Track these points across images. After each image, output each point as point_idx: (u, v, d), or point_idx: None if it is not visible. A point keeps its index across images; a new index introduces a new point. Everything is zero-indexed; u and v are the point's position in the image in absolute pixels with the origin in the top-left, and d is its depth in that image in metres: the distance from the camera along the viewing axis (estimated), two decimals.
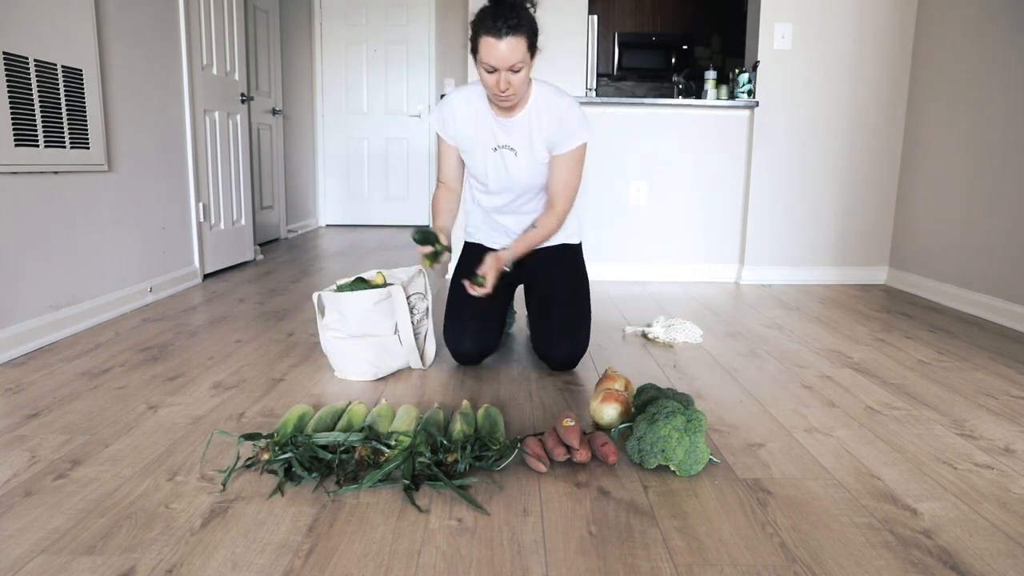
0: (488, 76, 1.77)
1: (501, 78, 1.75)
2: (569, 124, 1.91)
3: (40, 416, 1.66)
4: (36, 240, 2.23)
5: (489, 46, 1.72)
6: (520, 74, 1.76)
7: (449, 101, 1.99)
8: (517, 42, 1.71)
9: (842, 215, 3.57)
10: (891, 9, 3.41)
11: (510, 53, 1.71)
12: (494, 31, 1.70)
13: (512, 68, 1.73)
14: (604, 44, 6.29)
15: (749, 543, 1.15)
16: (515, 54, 1.72)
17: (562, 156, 1.94)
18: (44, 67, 2.23)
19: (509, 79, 1.75)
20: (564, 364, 2.04)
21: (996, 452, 1.53)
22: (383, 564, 1.08)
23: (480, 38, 1.74)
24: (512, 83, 1.76)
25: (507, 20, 1.69)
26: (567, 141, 1.92)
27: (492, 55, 1.72)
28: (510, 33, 1.70)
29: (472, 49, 1.79)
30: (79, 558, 1.08)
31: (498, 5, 1.73)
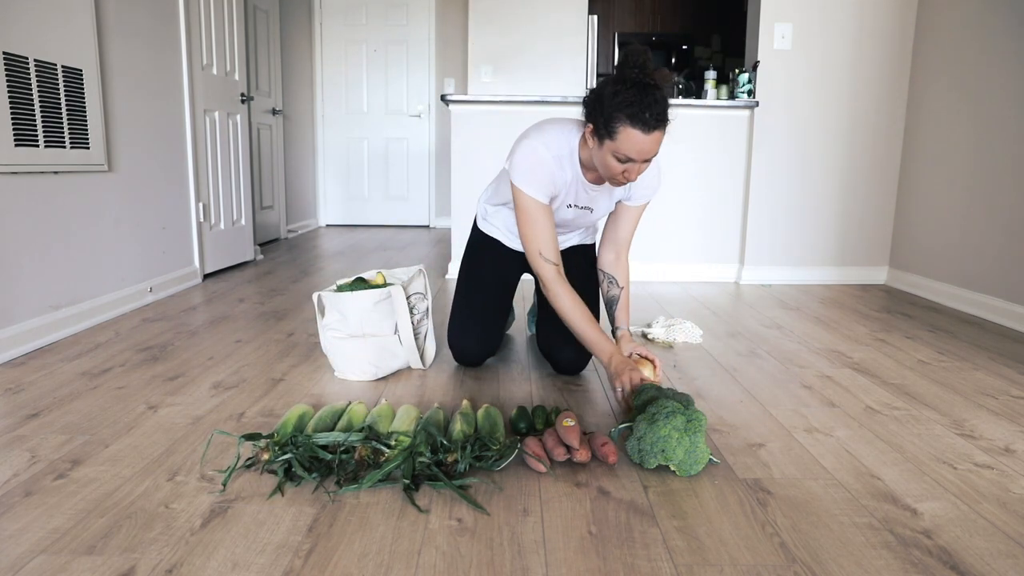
0: (617, 164, 1.60)
1: (634, 168, 1.60)
2: (652, 181, 1.86)
3: (40, 416, 1.66)
4: (36, 240, 2.23)
5: (634, 139, 1.54)
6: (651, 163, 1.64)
7: (540, 156, 1.73)
8: (662, 136, 1.57)
9: (842, 215, 3.57)
10: (891, 9, 3.41)
11: (655, 148, 1.57)
12: (642, 124, 1.52)
13: (648, 160, 1.60)
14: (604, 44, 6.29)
15: (749, 543, 1.15)
16: (657, 147, 1.58)
17: (637, 207, 1.89)
18: (44, 67, 2.23)
19: (641, 168, 1.62)
20: (570, 369, 2.03)
21: (996, 452, 1.53)
22: (383, 564, 1.08)
23: (621, 126, 1.54)
24: (642, 171, 1.63)
25: (654, 110, 1.52)
26: (645, 196, 1.88)
27: (635, 149, 1.55)
28: (659, 127, 1.54)
29: (600, 130, 1.59)
30: (79, 558, 1.08)
31: (644, 90, 1.53)
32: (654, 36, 6.27)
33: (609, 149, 1.59)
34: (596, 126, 1.61)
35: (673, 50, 6.28)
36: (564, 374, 2.06)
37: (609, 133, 1.57)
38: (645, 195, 1.89)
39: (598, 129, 1.60)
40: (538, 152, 1.73)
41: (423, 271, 2.13)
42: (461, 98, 3.41)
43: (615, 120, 1.55)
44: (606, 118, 1.57)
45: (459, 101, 3.42)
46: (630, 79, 1.55)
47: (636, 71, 1.55)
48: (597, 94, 1.60)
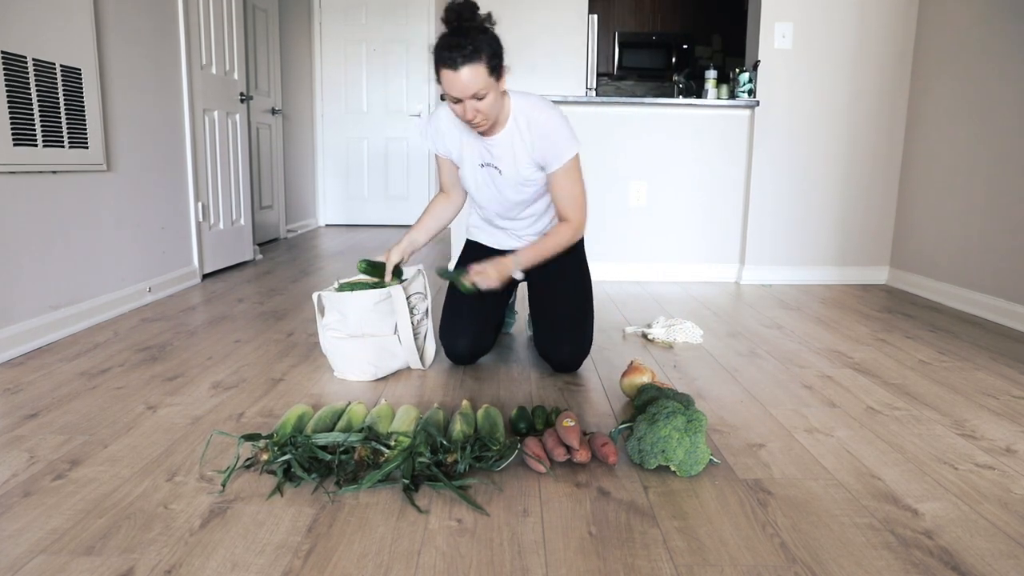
0: (455, 106, 1.72)
1: (467, 107, 1.70)
2: (555, 140, 1.84)
3: (39, 416, 1.65)
4: (35, 240, 2.23)
5: (448, 78, 1.66)
6: (487, 100, 1.70)
7: (437, 116, 1.96)
8: (475, 70, 1.64)
9: (842, 215, 3.57)
10: (892, 8, 3.40)
11: (470, 82, 1.65)
12: (450, 62, 1.64)
13: (476, 96, 1.68)
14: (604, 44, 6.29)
15: (749, 543, 1.15)
16: (475, 82, 1.65)
17: (556, 173, 1.87)
18: (43, 66, 2.23)
19: (476, 107, 1.70)
20: (566, 365, 2.04)
21: (997, 452, 1.53)
22: (383, 564, 1.08)
23: (440, 70, 1.67)
24: (480, 110, 1.71)
25: (462, 49, 1.62)
26: (556, 158, 1.85)
27: (452, 87, 1.66)
28: (466, 62, 1.63)
29: (437, 81, 1.74)
30: (78, 558, 1.08)
31: (452, 33, 1.65)
32: (654, 36, 6.27)
33: (445, 95, 1.72)
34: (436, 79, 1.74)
35: (673, 50, 6.28)
36: (561, 372, 2.06)
37: (438, 79, 1.71)
38: (554, 157, 1.84)
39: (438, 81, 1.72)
40: (436, 111, 1.98)
41: (422, 271, 2.12)
42: None
43: (437, 67, 1.69)
44: (434, 67, 1.71)
45: None
46: (447, 27, 1.68)
47: (452, 16, 1.67)
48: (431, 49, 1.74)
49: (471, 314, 2.04)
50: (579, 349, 2.01)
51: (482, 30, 1.68)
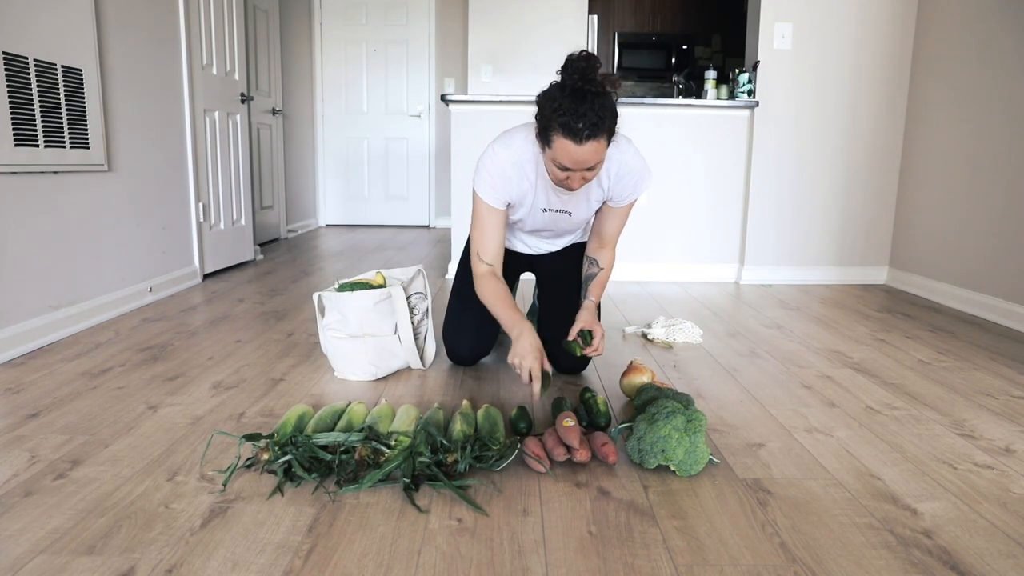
0: (559, 172, 1.57)
1: (575, 177, 1.57)
2: (635, 181, 1.76)
3: (40, 416, 1.66)
4: (36, 240, 2.23)
5: (567, 149, 1.49)
6: (596, 169, 1.57)
7: (499, 162, 1.70)
8: (599, 145, 1.50)
9: (842, 215, 3.57)
10: (891, 9, 3.40)
11: (591, 157, 1.51)
12: (573, 134, 1.47)
13: (590, 168, 1.55)
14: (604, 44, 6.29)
15: (749, 543, 1.15)
16: (596, 157, 1.52)
17: (620, 208, 1.82)
18: (44, 67, 2.23)
19: (584, 176, 1.57)
20: (574, 368, 2.04)
21: (996, 452, 1.53)
22: (383, 564, 1.08)
23: (554, 134, 1.50)
24: (587, 179, 1.59)
25: (588, 119, 1.46)
26: (629, 196, 1.79)
27: (569, 159, 1.51)
28: (592, 137, 1.48)
29: (542, 138, 1.56)
30: (79, 558, 1.08)
31: (579, 98, 1.47)
32: (654, 36, 6.27)
33: (549, 157, 1.57)
34: (539, 132, 1.58)
35: (673, 50, 6.28)
36: (565, 374, 2.06)
37: (547, 141, 1.55)
38: (626, 197, 1.80)
39: (540, 135, 1.58)
40: (497, 156, 1.71)
41: (422, 271, 2.13)
42: (461, 98, 3.41)
43: (550, 129, 1.52)
44: (543, 126, 1.54)
45: (459, 101, 3.42)
46: (568, 86, 1.50)
47: (575, 76, 1.50)
48: (538, 100, 1.57)
49: (474, 316, 2.04)
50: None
51: (605, 95, 1.51)
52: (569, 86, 1.50)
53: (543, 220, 1.88)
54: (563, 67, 1.53)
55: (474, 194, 1.77)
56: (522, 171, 1.72)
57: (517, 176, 1.72)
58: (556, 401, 1.67)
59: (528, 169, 1.72)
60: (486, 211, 1.76)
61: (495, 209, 1.75)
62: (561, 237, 2.06)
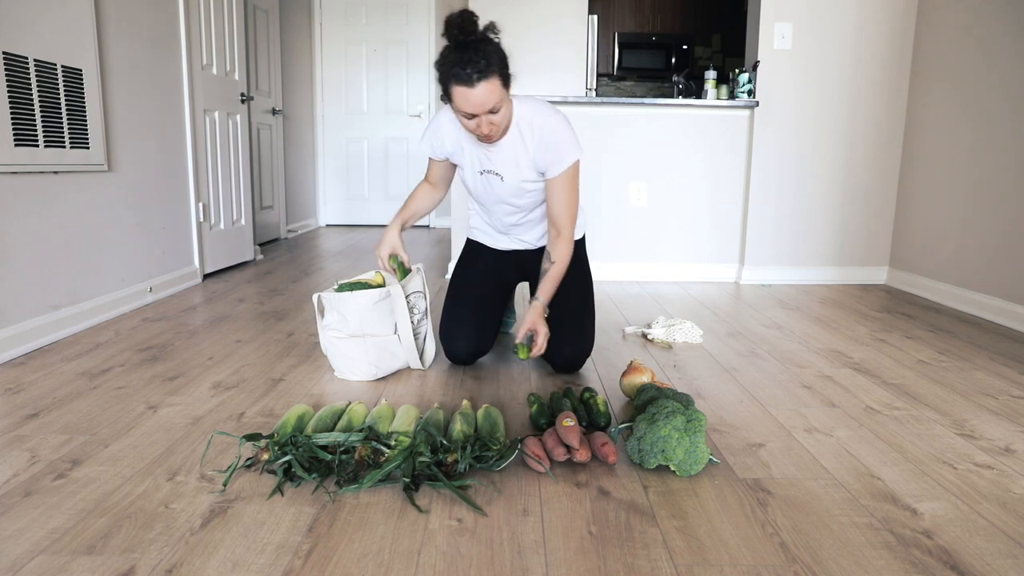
0: (468, 122, 1.69)
1: (482, 122, 1.68)
2: (558, 145, 1.81)
3: (40, 416, 1.66)
4: (36, 240, 2.23)
5: (462, 95, 1.63)
6: (500, 112, 1.68)
7: (437, 122, 1.92)
8: (491, 84, 1.62)
9: (842, 215, 3.57)
10: (891, 9, 3.41)
11: (487, 97, 1.63)
12: (465, 79, 1.60)
13: (491, 110, 1.66)
14: (604, 44, 6.29)
15: (749, 543, 1.15)
16: (492, 97, 1.63)
17: (556, 179, 1.85)
18: (44, 67, 2.23)
19: (490, 120, 1.68)
20: (569, 366, 2.04)
21: (996, 452, 1.53)
22: (383, 564, 1.08)
23: (451, 87, 1.64)
24: (494, 123, 1.69)
25: (475, 65, 1.59)
26: (558, 163, 1.83)
27: (467, 103, 1.64)
28: (481, 78, 1.60)
29: (444, 95, 1.69)
30: (79, 558, 1.08)
31: (462, 48, 1.61)
32: (654, 36, 6.27)
33: (456, 111, 1.69)
34: (442, 94, 1.71)
35: (673, 50, 6.28)
36: (562, 373, 2.06)
37: (449, 97, 1.68)
38: (557, 163, 1.82)
39: (443, 96, 1.70)
40: (438, 117, 1.93)
41: (420, 269, 2.13)
42: None
43: (448, 83, 1.65)
44: (443, 86, 1.67)
45: None
46: (452, 42, 1.63)
47: (455, 32, 1.62)
48: (436, 64, 1.69)
49: (471, 315, 2.04)
50: (581, 350, 2.01)
51: (487, 41, 1.64)
52: (453, 41, 1.64)
53: (483, 184, 1.95)
54: (444, 30, 1.66)
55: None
56: (455, 125, 1.89)
57: (450, 131, 1.90)
58: (556, 401, 1.67)
59: (459, 128, 1.88)
60: (429, 161, 2.02)
61: (434, 160, 1.99)
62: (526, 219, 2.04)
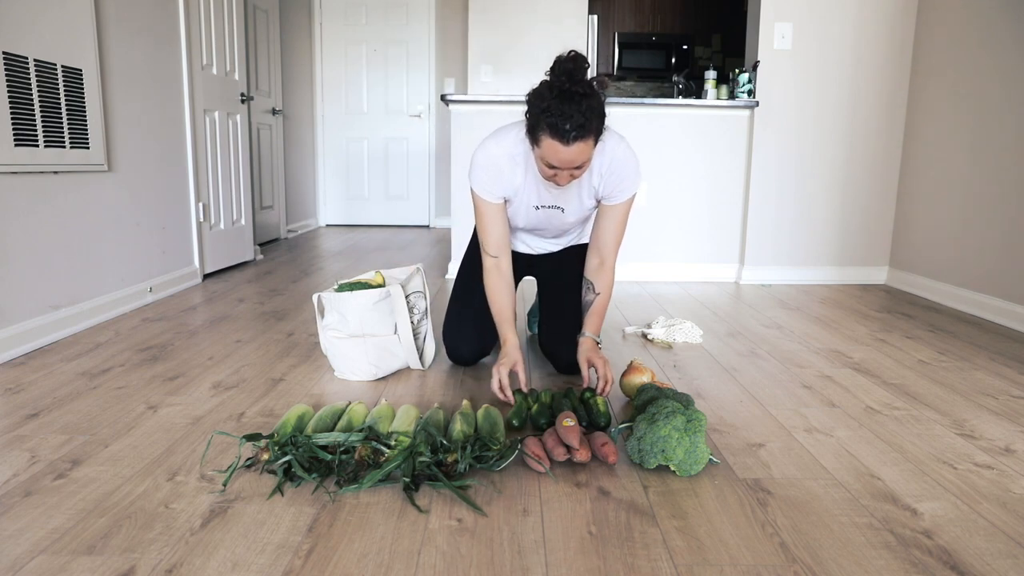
0: (547, 169, 1.61)
1: (563, 175, 1.61)
2: (625, 175, 1.77)
3: (40, 416, 1.66)
4: (36, 240, 2.23)
5: (553, 149, 1.53)
6: (584, 168, 1.61)
7: (490, 156, 1.75)
8: (586, 145, 1.54)
9: (842, 215, 3.57)
10: (891, 9, 3.41)
11: (578, 156, 1.55)
12: (560, 135, 1.50)
13: (578, 167, 1.59)
14: (604, 44, 6.29)
15: (749, 543, 1.15)
16: (583, 156, 1.56)
17: (615, 207, 1.81)
18: (44, 67, 2.23)
19: (572, 174, 1.62)
20: (572, 368, 2.04)
21: (996, 452, 1.53)
22: (383, 564, 1.08)
23: (542, 135, 1.54)
24: (575, 177, 1.63)
25: (575, 120, 1.49)
26: (621, 193, 1.80)
27: (556, 158, 1.55)
28: (579, 138, 1.52)
29: (531, 136, 1.60)
30: (79, 558, 1.08)
31: (566, 99, 1.50)
32: (654, 36, 6.27)
33: (538, 155, 1.61)
34: (528, 131, 1.62)
35: (673, 50, 6.28)
36: (565, 374, 2.06)
37: (535, 140, 1.59)
38: (619, 193, 1.80)
39: (529, 133, 1.61)
40: (489, 151, 1.76)
41: (420, 269, 2.13)
42: (461, 98, 3.41)
43: (538, 128, 1.55)
44: (532, 124, 1.58)
45: (459, 101, 3.42)
46: (555, 86, 1.53)
47: (563, 78, 1.52)
48: (528, 98, 1.60)
49: (475, 317, 2.04)
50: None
51: (593, 96, 1.54)
52: (557, 87, 1.52)
53: (536, 218, 1.89)
54: (551, 68, 1.56)
55: (472, 191, 1.82)
56: (513, 165, 1.76)
57: (509, 170, 1.77)
58: (556, 401, 1.67)
59: (519, 164, 1.76)
60: (483, 205, 1.81)
61: (492, 203, 1.81)
62: (560, 236, 2.06)
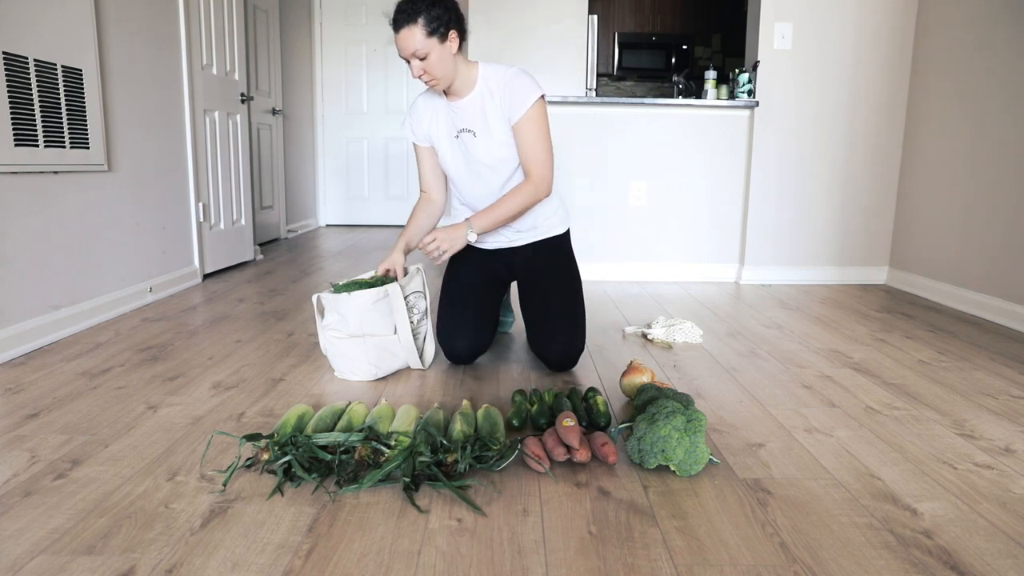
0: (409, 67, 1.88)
1: (413, 67, 1.83)
2: (517, 87, 1.90)
3: (40, 416, 1.66)
4: (36, 240, 2.23)
5: (396, 40, 1.81)
6: (430, 60, 1.80)
7: (414, 103, 2.08)
8: (411, 31, 1.77)
9: (842, 215, 3.57)
10: (891, 9, 3.41)
11: (407, 42, 1.78)
12: (393, 25, 1.80)
13: (416, 55, 1.79)
14: (604, 44, 6.29)
15: (749, 543, 1.15)
16: (412, 43, 1.78)
17: (521, 121, 1.91)
18: (44, 67, 2.23)
19: (420, 66, 1.82)
20: (562, 363, 2.04)
21: (996, 452, 1.53)
22: (383, 564, 1.08)
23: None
24: (426, 70, 1.82)
25: (400, 12, 1.78)
26: (520, 103, 1.90)
27: (399, 48, 1.81)
28: (403, 24, 1.78)
29: None
30: (79, 558, 1.08)
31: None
32: (654, 36, 6.27)
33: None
34: None
35: (673, 50, 6.28)
36: (557, 371, 2.06)
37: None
38: (518, 102, 1.90)
39: None
40: (415, 100, 2.07)
41: (420, 269, 2.13)
42: None
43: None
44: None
45: None
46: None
47: None
48: None
49: (468, 313, 2.05)
50: (571, 347, 2.01)
51: None
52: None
53: (460, 150, 2.00)
54: None
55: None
56: (427, 104, 2.03)
57: (423, 109, 2.03)
58: (556, 401, 1.67)
59: (431, 101, 2.02)
60: (417, 151, 2.11)
61: (420, 147, 2.08)
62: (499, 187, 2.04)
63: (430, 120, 2.02)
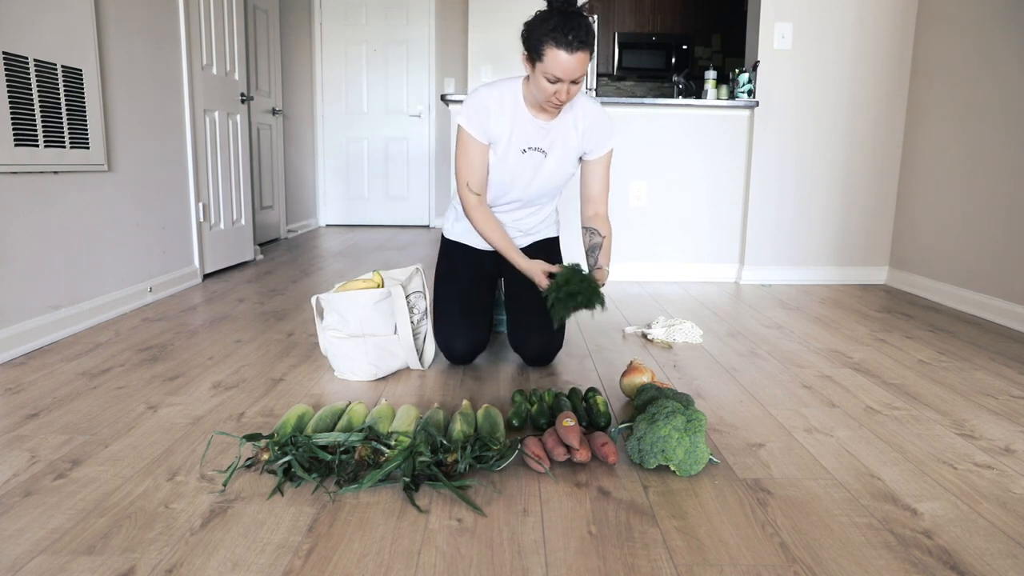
0: (548, 85, 1.76)
1: (563, 89, 1.76)
2: (604, 130, 1.97)
3: (40, 416, 1.66)
4: (36, 240, 2.23)
5: (558, 58, 1.70)
6: (579, 85, 1.78)
7: (481, 97, 1.90)
8: (585, 56, 1.71)
9: (842, 215, 3.57)
10: (891, 9, 3.41)
11: (579, 67, 1.71)
12: (566, 45, 1.68)
13: (575, 80, 1.75)
14: (604, 44, 6.29)
15: (749, 543, 1.15)
16: (582, 67, 1.73)
17: (598, 160, 2.00)
18: (44, 67, 2.23)
19: (570, 90, 1.77)
20: (538, 358, 2.06)
21: (996, 452, 1.53)
22: (383, 564, 1.08)
23: (547, 48, 1.71)
24: (571, 93, 1.78)
25: (577, 33, 1.68)
26: (602, 146, 1.98)
27: (560, 68, 1.70)
28: (581, 48, 1.69)
29: (532, 55, 1.75)
30: (79, 558, 1.08)
31: (568, 16, 1.70)
32: (654, 36, 6.27)
33: (540, 71, 1.75)
34: (529, 53, 1.77)
35: (673, 50, 6.28)
36: (534, 366, 2.08)
37: (539, 56, 1.73)
38: (600, 143, 1.97)
39: (531, 55, 1.76)
40: (481, 94, 1.91)
41: (420, 269, 2.13)
42: (461, 98, 3.40)
43: (543, 44, 1.71)
44: (535, 43, 1.74)
45: (459, 101, 3.42)
46: (555, 7, 1.73)
47: (563, 3, 1.73)
48: (528, 25, 1.76)
49: (463, 313, 2.05)
50: (547, 342, 2.03)
51: (587, 17, 1.75)
52: (558, 8, 1.72)
53: (521, 165, 1.95)
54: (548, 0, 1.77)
55: (459, 130, 1.93)
56: (502, 106, 1.90)
57: (497, 109, 1.90)
58: (556, 401, 1.67)
59: (507, 101, 1.90)
60: (470, 143, 1.92)
61: (478, 142, 1.92)
62: (533, 205, 2.07)
63: (504, 125, 1.91)
